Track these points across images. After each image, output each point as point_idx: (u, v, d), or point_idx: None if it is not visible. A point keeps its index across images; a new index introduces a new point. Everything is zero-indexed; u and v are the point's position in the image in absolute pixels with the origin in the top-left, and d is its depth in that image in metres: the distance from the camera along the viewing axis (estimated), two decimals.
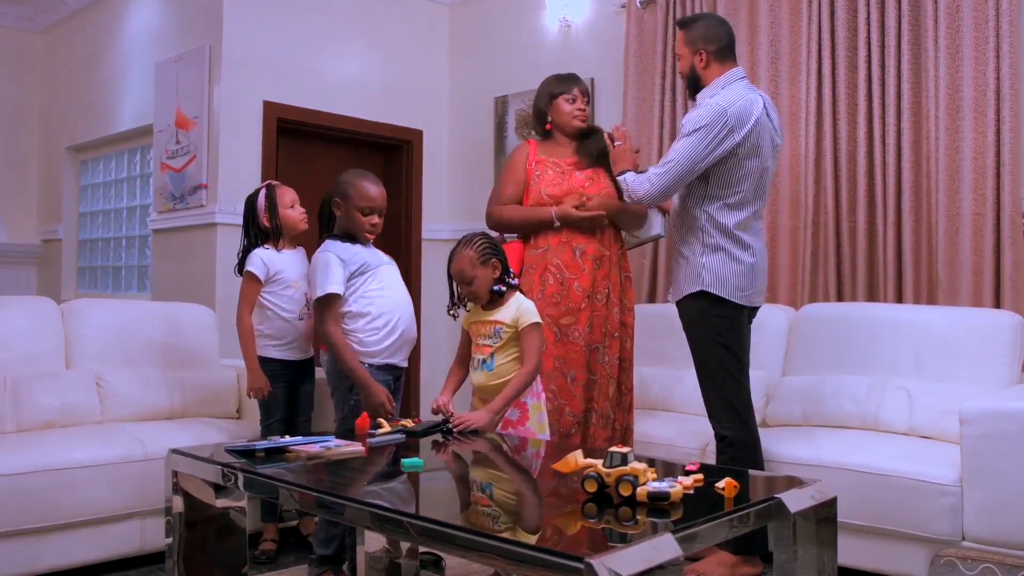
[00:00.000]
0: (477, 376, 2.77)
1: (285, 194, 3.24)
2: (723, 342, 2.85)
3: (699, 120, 2.78)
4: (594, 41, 4.82)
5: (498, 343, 2.72)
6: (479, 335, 2.78)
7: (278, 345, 3.18)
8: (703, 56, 2.92)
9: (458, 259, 2.73)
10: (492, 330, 2.74)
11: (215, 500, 2.32)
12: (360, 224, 2.91)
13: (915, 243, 3.60)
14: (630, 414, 3.27)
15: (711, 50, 2.92)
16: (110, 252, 5.93)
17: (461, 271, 2.73)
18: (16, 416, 3.14)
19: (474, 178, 5.33)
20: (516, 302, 2.74)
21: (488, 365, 2.73)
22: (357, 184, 2.91)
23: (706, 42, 2.92)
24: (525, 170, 3.28)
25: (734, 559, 2.82)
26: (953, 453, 2.76)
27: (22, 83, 6.53)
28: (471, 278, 2.71)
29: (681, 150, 2.79)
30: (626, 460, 1.75)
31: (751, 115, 2.79)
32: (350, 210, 2.91)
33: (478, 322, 2.79)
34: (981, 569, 2.47)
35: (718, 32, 2.94)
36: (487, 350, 2.74)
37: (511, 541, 1.50)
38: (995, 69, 3.39)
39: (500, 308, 2.74)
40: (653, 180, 2.85)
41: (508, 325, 2.71)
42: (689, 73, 2.98)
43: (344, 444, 2.30)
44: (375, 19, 5.20)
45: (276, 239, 3.21)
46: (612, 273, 3.19)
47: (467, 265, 2.71)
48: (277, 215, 3.20)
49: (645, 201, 2.93)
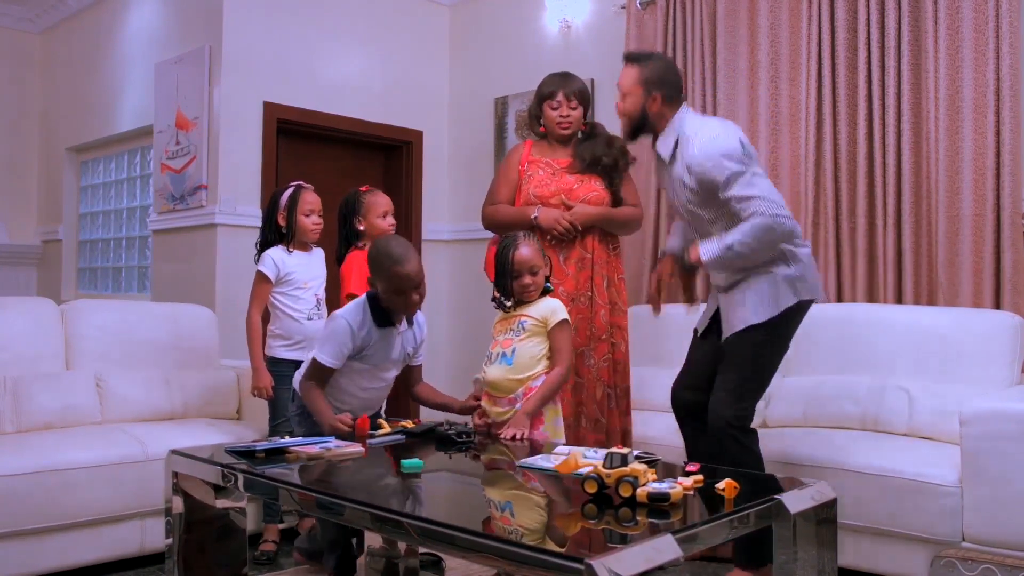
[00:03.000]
0: (493, 370, 2.71)
1: (307, 200, 3.24)
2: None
3: (727, 165, 2.61)
4: (594, 42, 4.82)
5: (521, 335, 2.69)
6: (501, 332, 2.76)
7: (287, 345, 3.19)
8: (657, 99, 2.76)
9: (529, 248, 2.70)
10: (516, 323, 2.72)
11: (215, 501, 2.33)
12: (398, 305, 2.63)
13: (915, 244, 3.60)
14: (628, 417, 3.26)
15: (663, 94, 2.76)
16: (110, 253, 5.93)
17: (532, 260, 2.69)
18: (16, 417, 3.14)
19: (474, 179, 5.33)
20: (545, 300, 2.74)
21: (507, 359, 2.69)
22: (395, 272, 2.56)
23: (661, 86, 2.76)
24: (517, 171, 3.29)
25: (746, 574, 2.73)
26: (953, 454, 2.76)
27: (22, 84, 6.53)
28: (540, 268, 2.71)
29: (757, 184, 2.63)
30: (626, 461, 1.75)
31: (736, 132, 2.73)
32: (388, 293, 2.61)
33: (503, 319, 2.77)
34: (981, 570, 2.47)
35: (675, 77, 2.81)
36: (508, 343, 2.71)
37: (511, 542, 1.50)
38: (995, 70, 3.39)
39: (529, 306, 2.73)
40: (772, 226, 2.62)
41: (536, 320, 2.69)
42: (636, 113, 2.80)
43: (344, 445, 2.30)
44: (375, 20, 5.20)
45: (288, 241, 3.23)
46: (596, 275, 3.17)
47: (538, 255, 2.71)
48: (294, 218, 3.21)
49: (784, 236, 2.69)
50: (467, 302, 5.35)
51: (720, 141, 2.66)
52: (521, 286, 2.70)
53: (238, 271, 4.31)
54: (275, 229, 3.24)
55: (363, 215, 3.17)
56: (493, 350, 2.75)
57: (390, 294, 2.59)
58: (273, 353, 3.19)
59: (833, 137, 3.83)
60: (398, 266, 2.54)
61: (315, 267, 3.25)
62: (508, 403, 2.68)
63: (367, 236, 3.16)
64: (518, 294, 2.72)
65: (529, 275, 2.69)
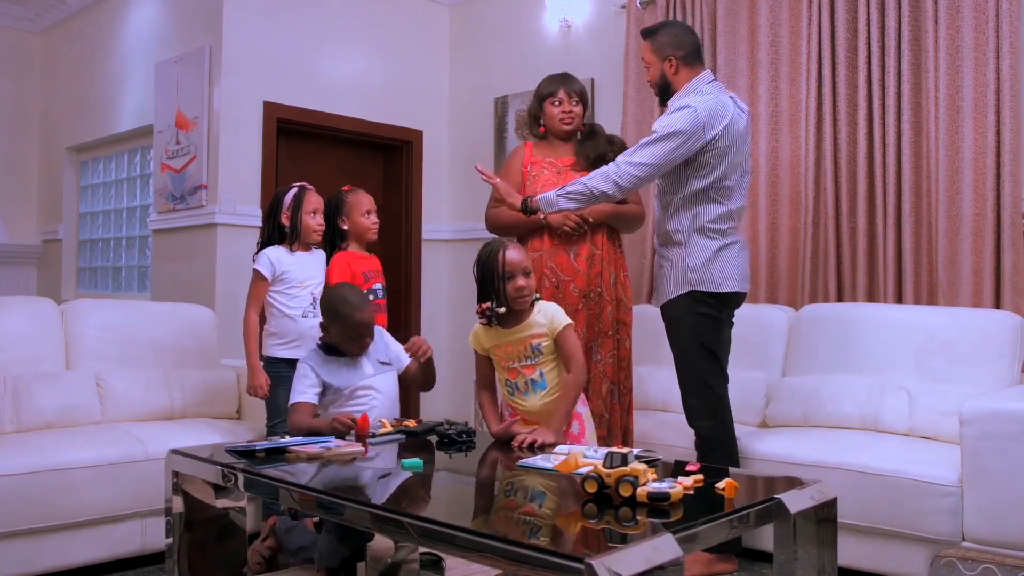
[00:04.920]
0: (533, 401, 2.58)
1: (311, 201, 3.25)
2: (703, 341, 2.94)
3: (672, 125, 2.82)
4: (594, 41, 4.82)
5: (541, 359, 2.57)
6: (509, 359, 2.60)
7: (283, 344, 3.18)
8: (672, 62, 2.97)
9: (517, 250, 2.58)
10: (528, 348, 2.56)
11: (215, 500, 2.33)
12: (351, 349, 2.75)
13: (915, 244, 3.60)
14: (629, 415, 3.27)
15: (680, 56, 2.96)
16: (110, 252, 5.93)
17: (524, 261, 2.56)
18: (16, 417, 3.14)
19: (474, 179, 5.31)
20: (541, 309, 2.59)
21: (540, 385, 2.57)
22: (351, 320, 2.69)
23: (675, 48, 2.96)
24: (521, 172, 3.29)
25: (710, 556, 2.84)
26: (953, 453, 2.76)
27: (22, 83, 6.53)
28: (532, 268, 2.61)
29: (657, 154, 2.82)
30: (626, 461, 1.75)
31: (723, 115, 2.85)
32: (341, 337, 2.72)
33: (503, 344, 2.59)
34: (981, 569, 2.47)
35: (685, 38, 3.00)
36: (530, 370, 2.57)
37: (511, 541, 1.50)
38: (995, 70, 3.39)
39: (525, 323, 2.57)
40: (624, 179, 2.85)
41: (546, 336, 2.55)
42: (659, 81, 3.03)
43: (344, 444, 2.30)
44: (375, 19, 5.20)
45: (291, 240, 3.23)
46: (604, 272, 3.19)
47: (527, 258, 2.60)
48: (299, 219, 3.22)
49: (614, 197, 2.92)
50: (467, 302, 5.34)
51: (681, 109, 2.84)
52: (516, 288, 2.52)
53: (238, 271, 4.31)
54: (277, 229, 3.24)
55: (347, 214, 3.26)
56: (514, 380, 2.59)
57: (344, 338, 2.71)
58: (270, 352, 3.19)
59: (833, 137, 3.83)
60: (354, 314, 2.68)
61: (313, 267, 3.25)
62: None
63: (352, 235, 3.26)
64: (512, 298, 2.53)
65: (523, 276, 2.53)
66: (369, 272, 3.24)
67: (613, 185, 2.85)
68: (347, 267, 3.19)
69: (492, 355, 2.65)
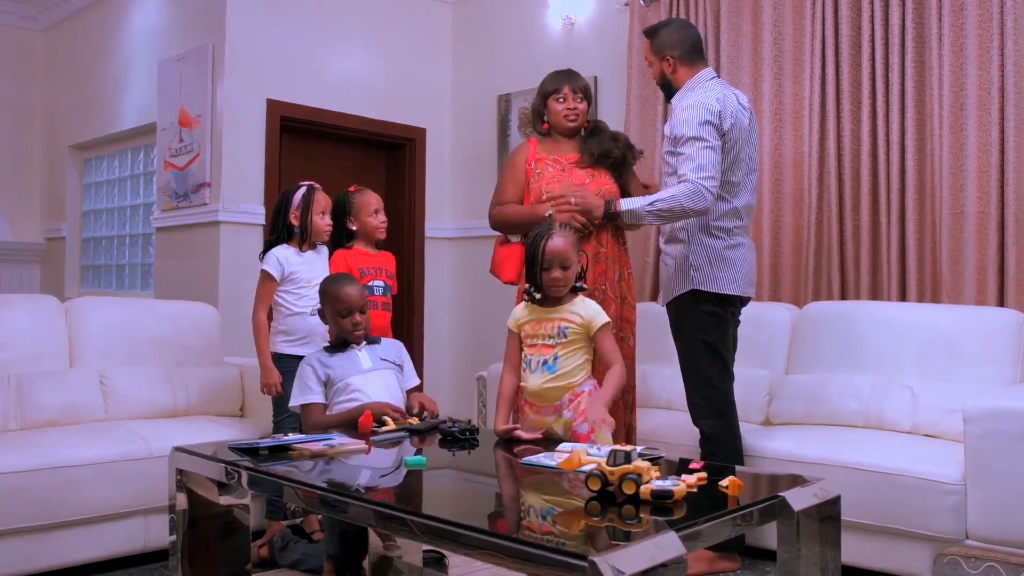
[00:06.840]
0: (535, 379, 2.58)
1: (320, 200, 3.26)
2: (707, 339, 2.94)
3: (686, 130, 2.84)
4: (597, 39, 4.82)
5: (562, 342, 2.57)
6: (535, 335, 2.61)
7: (290, 341, 3.19)
8: (670, 61, 3.02)
9: (563, 239, 2.57)
10: (556, 329, 2.57)
11: (219, 498, 2.33)
12: (344, 327, 2.77)
13: (919, 241, 3.60)
14: (633, 412, 3.27)
15: (676, 55, 3.01)
16: (113, 250, 5.94)
17: (565, 252, 2.55)
18: (20, 414, 3.14)
19: (477, 176, 5.33)
20: (583, 302, 2.61)
21: (550, 367, 2.56)
22: (337, 294, 2.76)
23: (671, 47, 3.02)
24: (524, 170, 3.28)
25: (712, 555, 2.85)
26: (957, 452, 2.76)
27: (25, 82, 6.53)
28: (572, 263, 2.58)
29: (708, 156, 2.81)
30: (629, 458, 1.75)
31: (727, 109, 2.88)
32: (333, 317, 2.78)
33: (536, 320, 2.61)
34: (985, 568, 2.47)
35: (681, 36, 3.03)
36: (548, 350, 2.57)
37: (515, 539, 1.50)
38: (999, 67, 3.38)
39: (565, 306, 2.59)
40: (708, 189, 2.81)
41: (578, 324, 2.56)
42: (661, 79, 3.10)
43: (348, 442, 2.30)
44: (378, 17, 5.20)
45: (301, 240, 3.24)
46: (609, 270, 3.18)
47: (571, 248, 2.58)
48: (309, 218, 3.22)
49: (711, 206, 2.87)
50: (469, 300, 5.35)
51: (688, 112, 2.86)
52: (551, 279, 2.55)
53: (241, 268, 4.32)
54: (285, 228, 3.24)
55: (354, 215, 3.27)
56: (531, 356, 2.60)
57: (335, 317, 2.76)
58: (277, 349, 3.20)
59: (837, 134, 3.82)
60: (341, 289, 2.75)
61: (320, 266, 3.26)
62: (554, 411, 2.59)
63: (360, 235, 3.27)
64: (546, 287, 2.57)
65: (560, 269, 2.54)
66: (368, 268, 3.24)
67: (703, 200, 2.82)
68: (343, 263, 3.20)
69: (521, 331, 2.66)
